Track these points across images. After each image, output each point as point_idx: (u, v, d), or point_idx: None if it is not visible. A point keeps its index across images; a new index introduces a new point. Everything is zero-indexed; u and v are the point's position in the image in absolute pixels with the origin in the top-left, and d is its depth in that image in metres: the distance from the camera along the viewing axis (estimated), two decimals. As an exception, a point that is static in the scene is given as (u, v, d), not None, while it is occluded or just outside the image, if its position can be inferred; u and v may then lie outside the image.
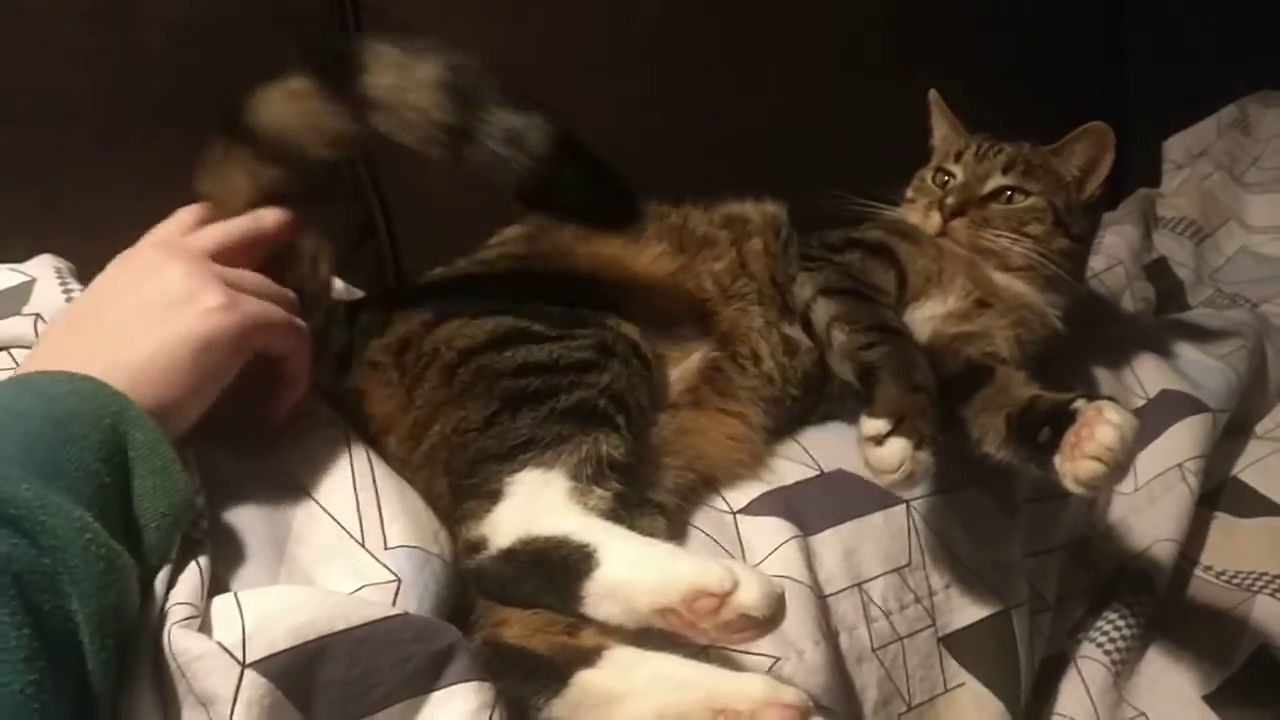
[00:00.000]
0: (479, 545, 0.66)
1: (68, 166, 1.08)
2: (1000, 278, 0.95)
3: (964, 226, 0.96)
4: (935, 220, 0.96)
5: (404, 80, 0.67)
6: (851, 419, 0.80)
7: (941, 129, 1.09)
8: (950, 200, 0.96)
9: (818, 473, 0.82)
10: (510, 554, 0.65)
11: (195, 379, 0.58)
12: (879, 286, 0.90)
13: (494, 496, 0.68)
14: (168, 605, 0.53)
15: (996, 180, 0.98)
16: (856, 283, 0.89)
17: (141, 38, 1.10)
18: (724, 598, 0.58)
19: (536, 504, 0.67)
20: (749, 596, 0.58)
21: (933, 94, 1.09)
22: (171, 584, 0.54)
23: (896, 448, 0.71)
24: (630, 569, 0.61)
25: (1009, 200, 0.97)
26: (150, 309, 0.58)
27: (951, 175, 1.01)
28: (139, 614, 0.52)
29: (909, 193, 1.04)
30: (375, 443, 0.72)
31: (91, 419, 0.53)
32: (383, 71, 0.68)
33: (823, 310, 0.86)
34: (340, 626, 0.54)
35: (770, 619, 0.58)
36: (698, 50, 1.32)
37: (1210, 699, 0.86)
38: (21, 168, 1.06)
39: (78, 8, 1.08)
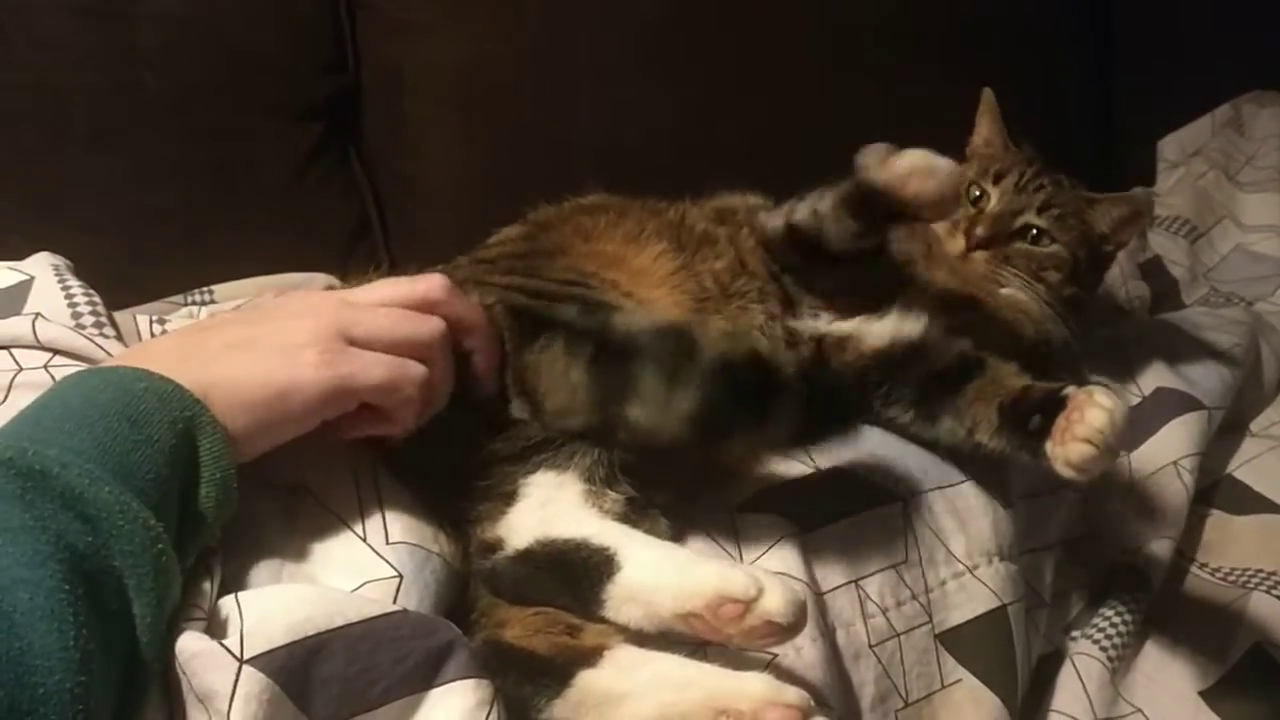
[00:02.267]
0: (495, 546, 0.66)
1: (62, 164, 1.08)
2: (997, 277, 0.95)
3: (985, 259, 0.95)
4: (959, 244, 0.95)
5: (663, 418, 0.63)
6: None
7: (984, 132, 1.06)
8: (980, 232, 0.95)
9: (814, 470, 0.81)
10: (528, 555, 0.65)
11: (264, 417, 0.58)
12: None
13: (509, 498, 0.68)
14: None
15: (1029, 218, 0.96)
16: None
17: (135, 35, 1.10)
18: (749, 604, 0.58)
19: (552, 506, 0.67)
20: (774, 603, 0.58)
21: (987, 93, 1.06)
22: (184, 586, 0.54)
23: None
24: (653, 574, 0.61)
25: (1034, 241, 0.96)
26: (258, 344, 0.60)
27: (986, 195, 0.98)
28: None
29: None
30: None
31: (167, 422, 0.53)
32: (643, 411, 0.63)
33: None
34: (338, 623, 0.54)
35: (794, 625, 0.59)
36: (695, 51, 1.32)
37: (1206, 695, 0.86)
38: (15, 165, 1.06)
39: (70, 5, 1.08)
